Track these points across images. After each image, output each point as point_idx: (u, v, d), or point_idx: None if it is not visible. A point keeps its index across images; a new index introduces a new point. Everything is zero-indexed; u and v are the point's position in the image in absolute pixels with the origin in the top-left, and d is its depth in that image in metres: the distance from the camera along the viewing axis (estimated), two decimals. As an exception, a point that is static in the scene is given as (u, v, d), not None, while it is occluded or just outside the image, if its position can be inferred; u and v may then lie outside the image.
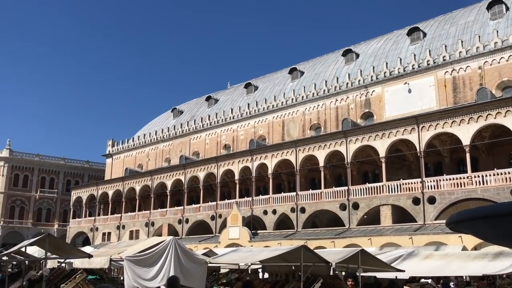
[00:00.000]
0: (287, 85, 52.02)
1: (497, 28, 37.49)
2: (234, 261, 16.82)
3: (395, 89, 40.86)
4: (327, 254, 15.07)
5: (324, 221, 39.08)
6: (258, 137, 50.15)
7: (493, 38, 36.63)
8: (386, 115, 40.53)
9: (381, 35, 49.81)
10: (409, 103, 39.39)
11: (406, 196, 32.38)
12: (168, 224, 47.93)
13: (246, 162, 43.01)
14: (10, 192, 72.04)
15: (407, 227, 30.99)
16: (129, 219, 52.82)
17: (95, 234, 55.60)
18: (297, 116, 47.63)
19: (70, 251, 16.06)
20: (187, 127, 58.52)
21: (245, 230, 38.40)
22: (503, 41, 36.02)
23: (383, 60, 43.56)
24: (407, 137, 33.61)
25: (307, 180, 42.70)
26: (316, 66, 51.70)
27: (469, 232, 4.19)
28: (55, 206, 75.54)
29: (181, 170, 48.97)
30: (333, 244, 31.88)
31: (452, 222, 3.93)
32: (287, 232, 37.37)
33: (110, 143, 68.31)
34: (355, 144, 36.00)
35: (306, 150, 38.92)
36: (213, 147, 54.78)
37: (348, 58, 48.01)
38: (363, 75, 43.53)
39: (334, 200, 36.05)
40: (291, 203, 38.55)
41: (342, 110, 44.14)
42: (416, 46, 42.70)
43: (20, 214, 72.74)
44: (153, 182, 51.23)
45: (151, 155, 62.21)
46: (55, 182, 76.25)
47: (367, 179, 38.81)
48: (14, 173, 73.07)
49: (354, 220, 34.39)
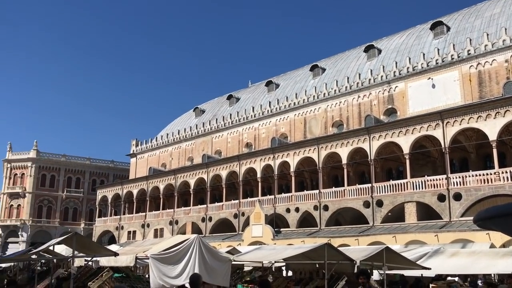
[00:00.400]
0: (309, 82, 51.79)
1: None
2: (257, 259, 16.87)
3: (418, 84, 40.27)
4: (351, 252, 14.96)
5: (347, 218, 38.82)
6: (279, 135, 50.10)
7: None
8: (409, 111, 39.99)
9: (404, 30, 49.14)
10: (433, 98, 38.76)
11: (431, 193, 31.90)
12: (191, 222, 48.34)
13: (268, 160, 43.02)
14: (37, 192, 73.70)
15: (432, 224, 30.53)
16: (153, 217, 53.46)
17: (121, 233, 56.45)
18: (319, 113, 47.39)
19: (97, 250, 16.32)
20: (209, 126, 58.84)
21: (268, 228, 38.42)
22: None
23: (406, 55, 42.96)
24: (432, 133, 33.09)
25: (330, 177, 42.46)
26: (338, 63, 51.32)
27: (497, 229, 4.12)
28: (81, 206, 76.94)
29: (203, 169, 49.29)
30: (357, 241, 31.66)
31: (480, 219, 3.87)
32: (310, 230, 37.26)
33: (134, 143, 69.26)
34: (379, 140, 35.63)
35: (328, 147, 38.71)
36: (235, 145, 54.95)
37: (370, 54, 47.52)
38: (385, 71, 43.03)
39: (357, 198, 35.77)
40: (314, 201, 38.41)
41: (365, 107, 43.73)
42: (439, 41, 41.97)
43: (48, 214, 74.34)
44: (176, 181, 51.70)
45: (174, 154, 62.77)
46: (81, 181, 77.66)
47: (391, 176, 38.37)
48: (41, 173, 74.69)
49: (378, 217, 34.06)
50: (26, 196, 72.76)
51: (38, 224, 72.82)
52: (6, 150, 75.73)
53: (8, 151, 75.57)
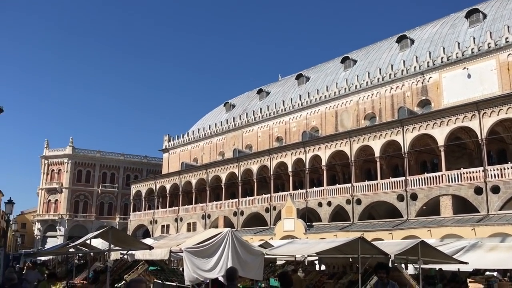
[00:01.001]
0: (340, 74, 51.21)
1: None
2: (290, 252, 16.82)
3: (453, 74, 39.22)
4: (385, 246, 14.72)
5: (381, 212, 38.30)
6: (310, 128, 49.78)
7: (561, 16, 34.28)
8: (444, 102, 39.02)
9: (437, 19, 47.93)
10: (468, 88, 37.68)
11: (468, 185, 31.08)
12: (223, 216, 48.70)
13: (299, 154, 42.83)
14: (74, 187, 75.72)
15: (469, 218, 29.77)
16: (186, 211, 54.13)
17: (155, 227, 57.41)
18: (351, 106, 46.82)
19: (132, 243, 16.61)
20: (239, 120, 59.00)
21: (300, 222, 38.31)
22: None
23: (440, 45, 41.89)
24: (468, 124, 32.20)
25: (362, 171, 41.95)
26: (370, 54, 50.53)
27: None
28: (116, 200, 78.64)
29: (234, 163, 49.51)
30: (390, 235, 31.18)
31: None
32: (343, 224, 36.95)
33: (166, 138, 70.26)
34: (412, 133, 34.94)
35: (360, 140, 38.22)
36: (265, 139, 54.95)
37: (403, 45, 46.57)
38: (419, 61, 42.09)
39: (391, 191, 35.21)
40: (346, 195, 38.04)
41: (398, 98, 42.94)
42: (475, 29, 40.72)
43: (84, 208, 76.34)
44: (208, 176, 52.14)
45: (206, 149, 63.29)
46: (116, 177, 79.32)
47: (426, 169, 37.60)
48: (77, 169, 76.68)
49: (412, 211, 33.45)
50: (63, 191, 74.88)
51: (75, 218, 74.88)
52: (44, 147, 78.07)
53: (45, 147, 77.84)
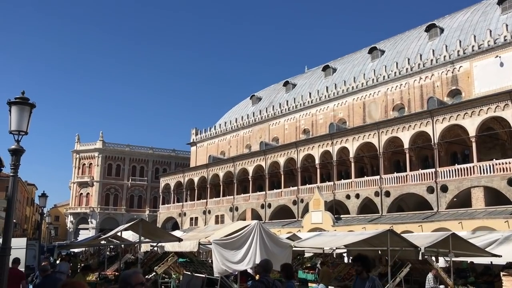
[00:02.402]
0: (367, 65, 50.53)
1: None
2: (318, 245, 16.83)
3: (485, 63, 38.18)
4: (415, 238, 14.57)
5: (410, 205, 37.77)
6: (337, 120, 49.36)
7: None
8: (475, 91, 38.07)
9: (468, 7, 46.66)
10: (501, 77, 36.62)
11: (500, 177, 30.29)
12: (251, 209, 48.91)
13: (326, 146, 42.55)
14: (105, 181, 77.24)
15: (502, 210, 29.06)
16: (214, 204, 54.59)
17: (183, 219, 58.13)
18: (379, 97, 46.18)
19: (162, 235, 16.90)
20: (266, 113, 58.97)
21: (327, 215, 38.16)
22: None
23: (470, 33, 40.81)
24: (500, 114, 31.34)
25: (391, 163, 41.40)
26: (398, 44, 49.65)
27: None
28: (146, 193, 79.88)
29: (261, 156, 49.57)
30: (420, 228, 30.73)
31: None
32: (372, 217, 36.61)
33: (194, 132, 70.85)
34: (442, 123, 34.24)
35: (389, 132, 37.68)
36: (292, 132, 54.79)
37: (432, 34, 45.58)
38: (448, 50, 41.13)
39: (420, 183, 34.66)
40: (375, 187, 37.64)
41: (427, 89, 42.11)
42: (508, 15, 39.48)
43: (115, 201, 77.83)
44: (235, 168, 52.39)
45: (233, 142, 63.56)
46: (145, 170, 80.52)
47: (456, 160, 36.84)
48: (107, 163, 78.13)
49: (442, 203, 32.86)
50: (94, 184, 76.50)
51: (105, 211, 76.46)
52: (75, 141, 79.82)
53: (77, 142, 79.57)
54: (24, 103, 8.69)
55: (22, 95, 8.78)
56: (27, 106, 8.71)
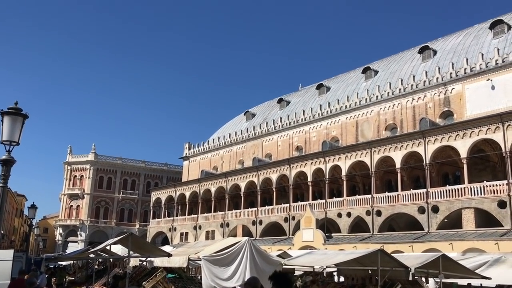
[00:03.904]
0: (361, 84, 50.97)
1: None
2: (308, 263, 16.72)
3: (476, 86, 38.67)
4: (406, 259, 14.53)
5: (401, 224, 37.80)
6: (330, 138, 49.56)
7: None
8: (467, 113, 38.46)
9: (460, 30, 47.40)
10: (492, 100, 37.07)
11: (491, 199, 30.47)
12: (242, 225, 48.67)
13: (319, 164, 42.63)
14: (95, 193, 76.72)
15: (492, 232, 29.14)
16: (205, 219, 54.29)
17: (174, 234, 57.69)
18: (372, 116, 46.50)
19: (151, 250, 16.75)
20: (260, 129, 59.13)
21: (319, 233, 38.05)
22: None
23: (463, 56, 41.39)
24: (491, 137, 31.64)
25: (383, 182, 41.51)
26: (391, 65, 50.20)
27: None
28: (136, 207, 79.37)
29: (254, 172, 49.54)
30: (411, 248, 30.73)
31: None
32: (363, 236, 36.56)
33: (187, 146, 70.77)
34: (434, 144, 34.49)
35: (381, 151, 37.87)
36: (285, 149, 54.90)
37: (425, 55, 46.17)
38: (441, 72, 41.65)
39: (412, 203, 34.74)
40: (366, 206, 37.67)
41: (420, 109, 42.49)
42: (499, 40, 40.13)
43: (105, 214, 77.22)
44: (227, 184, 52.27)
45: (225, 157, 63.52)
46: (136, 184, 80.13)
47: (448, 181, 37.02)
48: (99, 175, 77.71)
49: (433, 223, 32.92)
50: (84, 197, 75.93)
51: (95, 224, 75.78)
52: (67, 153, 79.39)
53: (69, 154, 79.17)
54: (16, 113, 8.68)
55: (15, 106, 8.77)
56: (19, 116, 8.70)
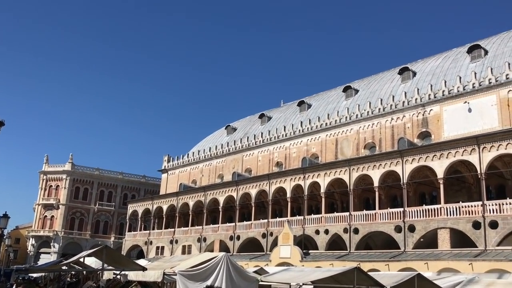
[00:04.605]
0: (341, 103, 51.56)
1: None
2: (285, 280, 16.65)
3: (454, 108, 39.50)
4: (382, 277, 14.62)
5: (378, 243, 38.00)
6: (310, 155, 49.84)
7: (561, 55, 34.73)
8: (444, 135, 39.18)
9: (439, 53, 48.54)
10: (469, 122, 37.90)
11: (466, 219, 30.92)
12: (220, 240, 48.25)
13: (298, 180, 42.74)
14: (71, 204, 75.38)
15: (466, 252, 29.52)
16: (182, 234, 53.69)
17: (149, 248, 56.86)
18: (351, 134, 46.99)
19: (126, 263, 16.50)
20: (240, 144, 59.12)
21: (296, 249, 37.96)
22: None
23: (441, 78, 42.32)
24: (467, 158, 32.24)
25: (361, 200, 41.79)
26: (371, 84, 50.98)
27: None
28: (112, 219, 78.16)
29: (233, 186, 49.36)
30: (387, 267, 30.85)
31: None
32: (340, 253, 36.59)
33: (166, 159, 70.22)
34: (412, 164, 34.95)
35: (360, 169, 38.19)
36: (265, 164, 54.94)
37: (405, 76, 47.03)
38: (420, 93, 42.45)
39: (389, 222, 35.00)
40: (344, 223, 37.80)
41: (398, 129, 43.12)
42: (476, 64, 41.20)
43: (80, 226, 75.81)
44: (206, 198, 51.92)
45: (205, 171, 63.21)
46: (113, 195, 79.05)
47: (424, 201, 37.47)
48: (75, 186, 76.49)
49: (409, 243, 33.19)
50: (59, 207, 74.50)
51: (70, 235, 74.30)
52: (43, 162, 78.01)
53: (45, 163, 77.82)
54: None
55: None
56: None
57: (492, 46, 42.25)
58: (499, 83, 37.20)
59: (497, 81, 37.37)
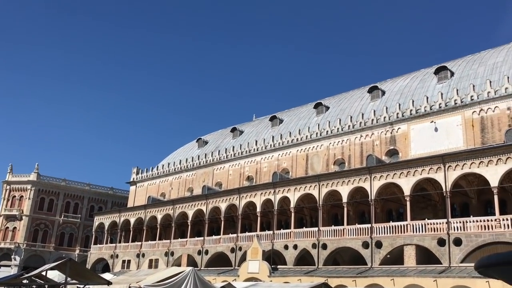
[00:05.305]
0: (312, 119, 52.17)
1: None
2: (253, 295, 16.58)
3: (421, 127, 40.51)
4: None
5: (345, 258, 38.28)
6: (281, 170, 50.07)
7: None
8: (411, 153, 40.07)
9: (408, 73, 49.85)
10: (435, 141, 38.91)
11: (431, 236, 31.54)
12: (187, 254, 47.68)
13: (269, 195, 42.81)
14: (35, 215, 73.25)
15: (431, 269, 30.06)
16: (149, 247, 52.81)
17: (115, 261, 55.64)
18: (321, 150, 47.51)
19: (90, 277, 16.11)
20: (211, 157, 58.92)
21: (264, 265, 37.86)
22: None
23: (409, 98, 43.41)
24: (433, 176, 33.02)
25: (330, 215, 42.14)
26: (342, 102, 51.83)
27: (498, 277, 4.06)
28: (78, 231, 76.31)
29: (203, 200, 49.01)
30: (354, 283, 31.06)
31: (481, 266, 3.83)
32: (308, 269, 36.67)
33: (135, 171, 69.20)
34: (380, 181, 35.53)
35: (329, 185, 38.57)
36: (236, 178, 54.86)
37: (374, 95, 48.04)
38: (389, 112, 43.40)
39: (356, 238, 35.37)
40: (312, 239, 37.97)
41: (367, 146, 43.87)
42: (443, 85, 42.48)
43: (43, 238, 73.65)
44: (174, 212, 51.35)
45: (174, 184, 62.59)
46: (79, 207, 77.30)
47: (391, 218, 38.07)
48: (40, 196, 74.45)
49: (376, 259, 33.57)
50: (23, 219, 72.27)
51: (32, 248, 72.03)
52: (7, 171, 75.77)
53: (9, 172, 75.54)
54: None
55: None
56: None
57: (458, 68, 43.70)
58: (464, 104, 38.43)
59: (463, 102, 38.60)
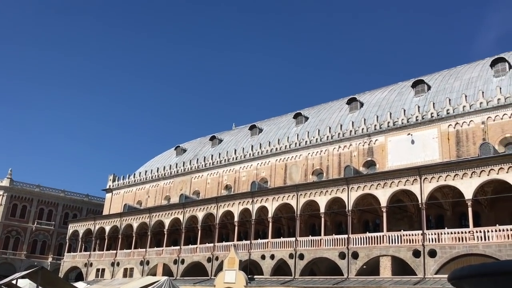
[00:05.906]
0: (291, 129, 52.42)
1: (500, 85, 38.07)
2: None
3: (398, 139, 41.08)
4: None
5: (322, 269, 38.35)
6: (260, 179, 50.06)
7: (496, 95, 37.15)
8: (388, 164, 40.56)
9: (386, 86, 50.60)
10: (412, 154, 39.48)
11: (407, 247, 31.87)
12: (163, 263, 47.09)
13: (247, 204, 42.69)
14: (6, 222, 71.44)
15: (406, 280, 30.31)
16: (124, 256, 51.97)
17: (89, 270, 54.58)
18: (300, 160, 47.71)
19: (63, 286, 15.77)
20: (189, 165, 58.56)
21: (241, 274, 37.62)
22: (506, 98, 36.49)
23: (387, 110, 44.03)
24: (409, 188, 33.45)
25: (307, 225, 42.24)
26: (321, 113, 52.24)
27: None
28: (51, 239, 74.70)
29: (180, 209, 48.57)
30: (330, 293, 31.14)
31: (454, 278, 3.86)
32: (284, 279, 36.58)
33: (111, 178, 68.24)
34: (357, 192, 35.81)
35: (307, 195, 38.69)
36: (214, 187, 54.60)
37: (353, 107, 48.57)
38: (366, 123, 43.91)
39: (333, 248, 35.48)
40: (290, 249, 37.95)
41: (345, 157, 44.24)
42: (420, 98, 43.24)
43: (15, 245, 71.83)
44: (151, 220, 50.73)
45: (151, 192, 61.95)
46: (53, 214, 75.76)
47: (368, 228, 38.36)
48: (12, 203, 72.73)
49: (353, 269, 33.71)
50: (-7, 225, 70.40)
51: (3, 256, 70.16)
52: (-22, 176, 73.87)
53: (-20, 177, 73.67)
54: None
55: None
56: None
57: (435, 82, 44.57)
58: (440, 117, 39.16)
59: (439, 115, 39.32)
